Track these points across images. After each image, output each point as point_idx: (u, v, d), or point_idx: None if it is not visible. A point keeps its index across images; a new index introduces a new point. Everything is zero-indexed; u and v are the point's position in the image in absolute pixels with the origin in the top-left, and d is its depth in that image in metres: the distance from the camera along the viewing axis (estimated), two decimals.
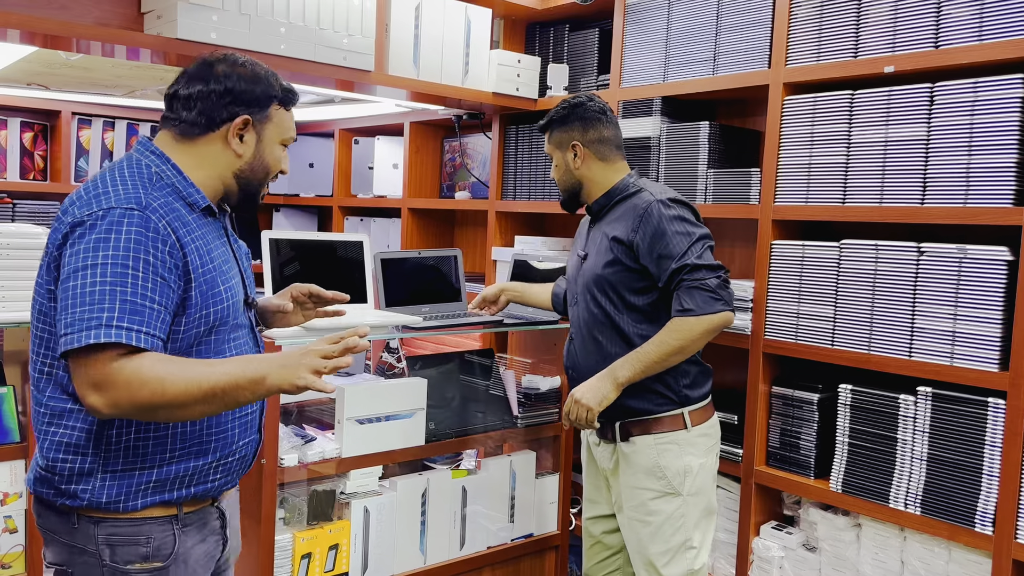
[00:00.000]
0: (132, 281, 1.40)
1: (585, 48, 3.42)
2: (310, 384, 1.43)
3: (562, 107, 2.38)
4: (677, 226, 2.17)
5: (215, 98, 1.56)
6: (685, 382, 2.24)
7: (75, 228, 1.43)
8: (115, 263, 1.40)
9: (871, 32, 2.45)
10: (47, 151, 4.22)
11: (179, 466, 1.54)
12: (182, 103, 1.58)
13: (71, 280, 1.40)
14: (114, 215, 1.42)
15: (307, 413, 2.86)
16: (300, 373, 1.43)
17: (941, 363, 2.28)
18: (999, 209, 2.17)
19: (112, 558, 1.51)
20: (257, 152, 1.63)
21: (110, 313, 1.37)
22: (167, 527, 1.55)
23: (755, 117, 3.06)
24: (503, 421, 2.93)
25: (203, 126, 1.58)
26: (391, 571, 2.62)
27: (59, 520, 1.53)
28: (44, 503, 1.55)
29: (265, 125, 1.63)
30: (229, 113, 1.58)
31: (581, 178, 2.37)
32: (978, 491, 2.21)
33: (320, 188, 4.85)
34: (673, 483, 2.23)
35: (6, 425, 2.45)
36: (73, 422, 1.49)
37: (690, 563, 2.24)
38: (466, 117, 3.81)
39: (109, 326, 1.37)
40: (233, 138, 1.59)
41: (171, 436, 1.53)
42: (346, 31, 2.83)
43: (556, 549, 3.07)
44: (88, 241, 1.41)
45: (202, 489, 1.59)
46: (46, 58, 2.80)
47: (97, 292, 1.38)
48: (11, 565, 2.44)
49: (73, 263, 1.41)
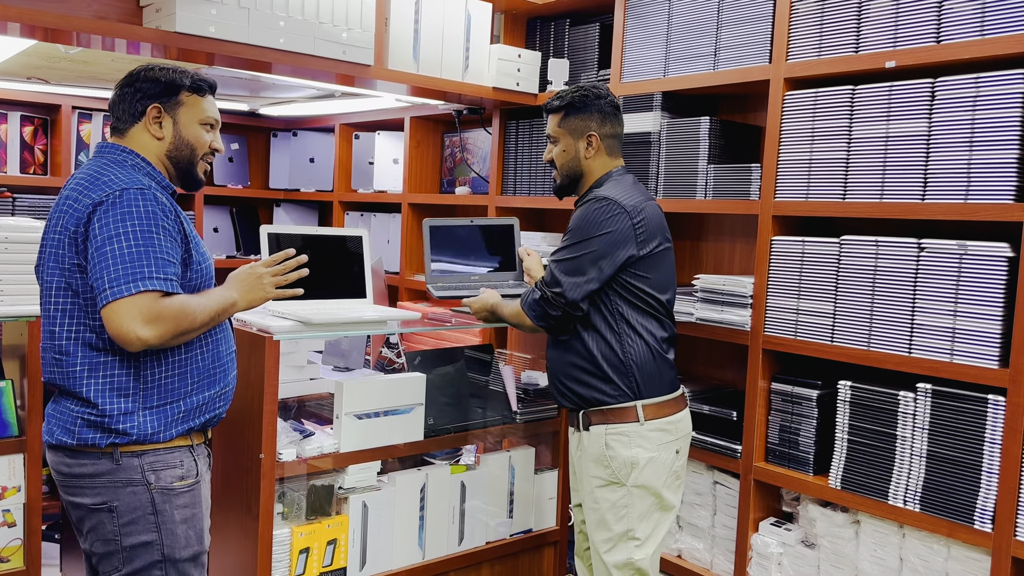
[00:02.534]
0: (157, 243, 1.75)
1: (586, 43, 3.41)
2: (275, 295, 1.99)
3: (581, 94, 2.35)
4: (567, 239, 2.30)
5: (128, 97, 1.90)
6: (642, 375, 2.25)
7: (97, 207, 1.73)
8: (143, 230, 1.74)
9: (872, 27, 2.44)
10: (47, 145, 4.22)
11: (197, 397, 1.88)
12: (113, 107, 1.92)
13: (107, 246, 1.71)
14: (129, 194, 1.75)
15: (306, 408, 2.86)
16: (266, 291, 1.97)
17: (941, 360, 2.27)
18: (1000, 205, 2.16)
19: (158, 482, 1.81)
20: (176, 133, 1.91)
21: (148, 268, 1.72)
22: (189, 453, 1.89)
23: (756, 112, 3.05)
24: (502, 417, 2.93)
25: (127, 121, 1.90)
26: (389, 566, 2.62)
27: (100, 462, 1.79)
28: (83, 450, 1.79)
29: (178, 110, 1.91)
30: (142, 107, 1.89)
31: (587, 169, 2.38)
32: (977, 488, 2.20)
33: (320, 183, 4.85)
34: (618, 473, 2.24)
35: (5, 419, 2.44)
36: (112, 369, 1.79)
37: (630, 553, 2.24)
38: (466, 112, 3.80)
39: (151, 278, 1.72)
40: (152, 125, 1.90)
41: (190, 371, 1.87)
42: (345, 25, 2.82)
43: (555, 545, 3.07)
44: (115, 215, 1.73)
45: (211, 416, 1.92)
46: (45, 51, 2.79)
47: (134, 252, 1.71)
48: (10, 559, 2.44)
49: (105, 232, 1.72)
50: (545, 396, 3.00)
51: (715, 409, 2.86)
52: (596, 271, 2.21)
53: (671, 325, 2.35)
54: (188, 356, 1.86)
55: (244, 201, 5.08)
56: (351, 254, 2.62)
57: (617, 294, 2.25)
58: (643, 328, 2.25)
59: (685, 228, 3.25)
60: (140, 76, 1.91)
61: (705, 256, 3.23)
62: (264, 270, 1.97)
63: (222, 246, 4.92)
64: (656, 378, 2.27)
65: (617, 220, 2.21)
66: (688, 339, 3.01)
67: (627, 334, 2.25)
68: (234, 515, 2.38)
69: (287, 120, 4.93)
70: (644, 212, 2.25)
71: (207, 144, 1.96)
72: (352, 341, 3.17)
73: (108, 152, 1.88)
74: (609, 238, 2.21)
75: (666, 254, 2.32)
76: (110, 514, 1.79)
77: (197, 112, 1.94)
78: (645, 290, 2.25)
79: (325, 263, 2.54)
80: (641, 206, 2.26)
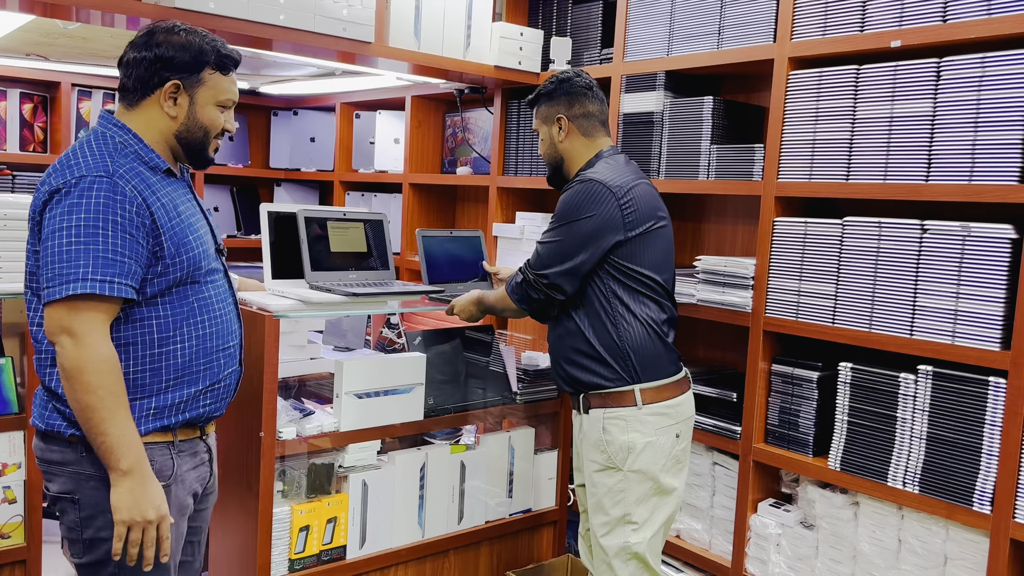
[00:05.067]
0: (103, 239, 1.60)
1: (588, 21, 3.38)
2: (129, 530, 1.62)
3: (550, 82, 2.40)
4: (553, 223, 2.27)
5: (147, 64, 1.72)
6: (639, 359, 2.24)
7: (53, 195, 1.62)
8: (87, 224, 1.59)
9: (877, 6, 2.41)
10: (47, 122, 4.20)
11: (174, 394, 1.74)
12: (123, 69, 1.75)
13: (50, 240, 1.60)
14: (85, 182, 1.61)
15: (306, 387, 2.86)
16: (144, 513, 1.62)
17: (942, 342, 2.26)
18: (1004, 187, 2.15)
19: None
20: (190, 114, 1.77)
21: (84, 268, 1.58)
22: (166, 451, 1.75)
23: (759, 92, 3.03)
24: (502, 397, 2.93)
25: (140, 92, 1.74)
26: (389, 544, 2.63)
27: (67, 451, 1.69)
28: (52, 437, 1.71)
29: (197, 89, 1.76)
30: (160, 79, 1.73)
31: (563, 152, 2.39)
32: (977, 470, 2.20)
33: (321, 163, 4.83)
34: (614, 458, 2.24)
35: (5, 396, 2.45)
36: None
37: (626, 537, 2.24)
38: (468, 91, 3.78)
39: (85, 279, 1.58)
40: (165, 102, 1.74)
41: (164, 367, 1.72)
42: (346, 1, 2.80)
43: (554, 524, 3.08)
44: (64, 206, 1.60)
45: (195, 414, 1.78)
46: (44, 27, 2.77)
47: (72, 250, 1.58)
48: (10, 535, 2.45)
49: (51, 225, 1.60)
50: (545, 377, 3.00)
51: (715, 390, 2.86)
52: (581, 255, 2.20)
53: (671, 307, 2.33)
54: (162, 351, 1.71)
55: (244, 180, 5.06)
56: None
57: (611, 276, 2.23)
58: (640, 311, 2.24)
59: (687, 209, 3.24)
60: (161, 40, 1.72)
61: (707, 237, 3.22)
62: (160, 522, 1.66)
63: (222, 225, 4.91)
64: (655, 361, 2.26)
65: (602, 202, 2.19)
66: (689, 320, 3.00)
67: (623, 317, 2.23)
68: (234, 493, 2.39)
69: (288, 99, 4.90)
70: (633, 192, 2.22)
71: (220, 126, 1.82)
72: (352, 321, 3.17)
73: (100, 125, 1.75)
74: (594, 221, 2.19)
75: (661, 233, 2.29)
76: (73, 504, 1.70)
77: (217, 92, 1.78)
78: (640, 271, 2.23)
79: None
80: (630, 185, 2.23)
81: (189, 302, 1.75)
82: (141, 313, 1.69)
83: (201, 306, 1.77)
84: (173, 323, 1.72)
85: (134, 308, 1.68)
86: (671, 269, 2.35)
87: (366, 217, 2.65)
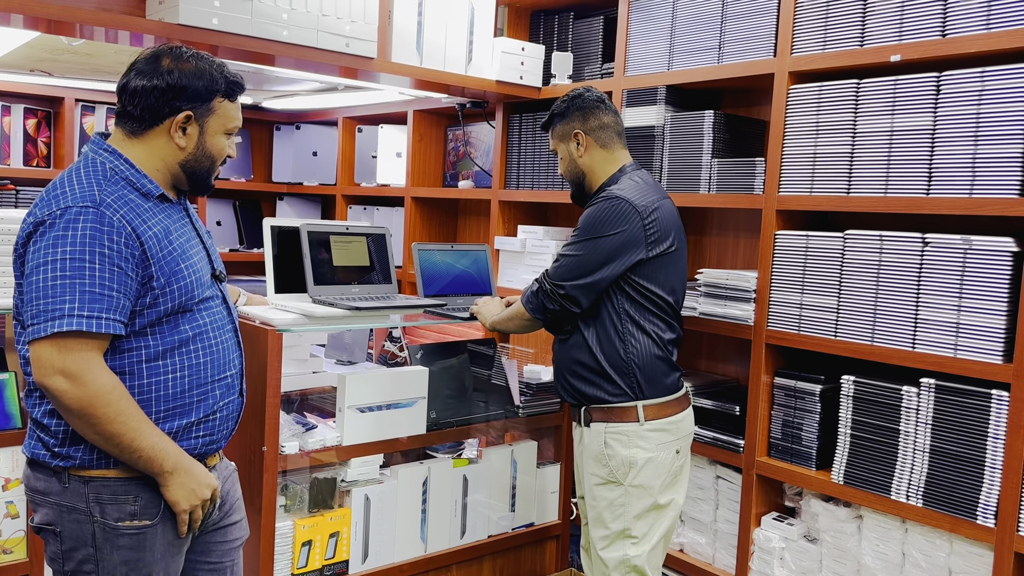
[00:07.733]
0: (89, 273, 1.52)
1: (589, 36, 3.40)
2: (191, 512, 1.66)
3: (561, 101, 2.40)
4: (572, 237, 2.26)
5: (157, 94, 1.64)
6: (644, 376, 2.24)
7: (37, 227, 1.55)
8: (72, 257, 1.52)
9: (878, 20, 2.43)
10: (50, 138, 4.22)
11: (164, 425, 1.65)
12: (128, 97, 1.66)
13: (34, 275, 1.53)
14: (71, 213, 1.53)
15: (309, 401, 2.86)
16: (201, 495, 1.66)
17: (945, 355, 2.26)
18: (1005, 200, 2.16)
19: (102, 515, 1.61)
20: (199, 144, 1.70)
21: (70, 304, 1.51)
22: (154, 486, 1.64)
23: (760, 106, 3.04)
24: (504, 410, 2.93)
25: (147, 121, 1.66)
26: (391, 559, 2.62)
27: (51, 481, 1.63)
28: (38, 465, 1.65)
29: (208, 118, 1.70)
30: (171, 108, 1.65)
31: (584, 167, 2.38)
32: (980, 483, 2.20)
33: (323, 177, 4.84)
34: (616, 473, 2.24)
35: (8, 411, 2.45)
36: None
37: (626, 550, 2.24)
38: (470, 106, 3.79)
39: (71, 315, 1.50)
40: (176, 132, 1.67)
41: (155, 399, 1.64)
42: (349, 17, 2.82)
43: (557, 538, 3.07)
44: (48, 239, 1.53)
45: (187, 446, 1.68)
46: (48, 44, 2.79)
47: (58, 285, 1.51)
48: (13, 550, 2.45)
49: (35, 259, 1.53)
50: (547, 390, 3.00)
51: (718, 404, 2.86)
52: (601, 271, 2.20)
53: (678, 327, 2.33)
54: (151, 382, 1.63)
55: (247, 194, 5.08)
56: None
57: (624, 294, 2.23)
58: (649, 329, 2.24)
59: (689, 222, 3.25)
60: (172, 67, 1.64)
61: (708, 250, 3.23)
62: (208, 498, 1.69)
63: (225, 239, 4.92)
64: (658, 379, 2.26)
65: (627, 220, 2.19)
66: (691, 333, 3.00)
67: (631, 334, 2.23)
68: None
69: (290, 113, 4.92)
70: (658, 212, 2.23)
71: (226, 153, 1.76)
72: (355, 335, 3.17)
73: (91, 151, 1.67)
74: (618, 238, 2.19)
75: (678, 255, 2.29)
76: (55, 536, 1.64)
77: (226, 120, 1.73)
78: (653, 291, 2.23)
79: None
80: (655, 205, 2.23)
81: (181, 331, 1.66)
82: (130, 343, 1.61)
83: (195, 335, 1.68)
84: (163, 353, 1.64)
85: (123, 339, 1.61)
86: (683, 290, 2.35)
87: (369, 231, 2.66)
